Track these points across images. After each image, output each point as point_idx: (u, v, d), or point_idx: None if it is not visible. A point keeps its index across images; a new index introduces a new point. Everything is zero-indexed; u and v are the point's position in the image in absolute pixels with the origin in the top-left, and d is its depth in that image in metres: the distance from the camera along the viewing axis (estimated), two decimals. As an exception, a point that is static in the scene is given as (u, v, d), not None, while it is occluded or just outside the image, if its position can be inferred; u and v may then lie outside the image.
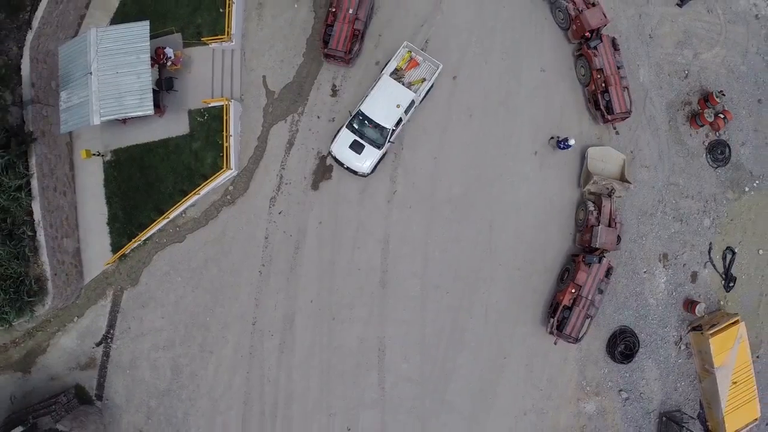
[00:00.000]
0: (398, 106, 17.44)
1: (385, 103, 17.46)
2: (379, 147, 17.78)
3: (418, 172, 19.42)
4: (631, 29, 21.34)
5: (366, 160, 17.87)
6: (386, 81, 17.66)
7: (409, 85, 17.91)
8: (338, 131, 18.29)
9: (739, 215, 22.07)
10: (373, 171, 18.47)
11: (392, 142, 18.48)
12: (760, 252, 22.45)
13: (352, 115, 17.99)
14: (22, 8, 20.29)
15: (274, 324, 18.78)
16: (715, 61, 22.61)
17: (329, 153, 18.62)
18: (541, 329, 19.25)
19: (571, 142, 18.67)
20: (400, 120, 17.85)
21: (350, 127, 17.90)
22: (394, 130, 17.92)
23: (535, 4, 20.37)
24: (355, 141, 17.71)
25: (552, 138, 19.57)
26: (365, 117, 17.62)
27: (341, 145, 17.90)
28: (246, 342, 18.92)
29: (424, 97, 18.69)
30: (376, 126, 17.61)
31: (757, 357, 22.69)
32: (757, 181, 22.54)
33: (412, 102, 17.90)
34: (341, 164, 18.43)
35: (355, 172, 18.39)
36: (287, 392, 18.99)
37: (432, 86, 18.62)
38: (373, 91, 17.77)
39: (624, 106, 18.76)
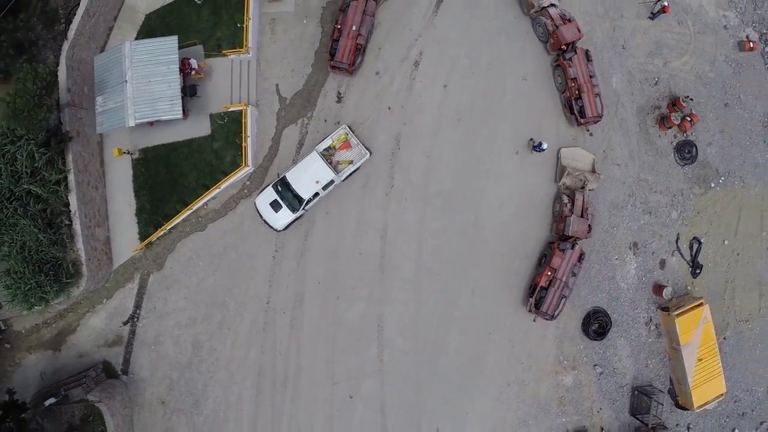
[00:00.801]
0: (317, 182, 19.83)
1: (308, 176, 19.82)
2: (294, 211, 20.06)
3: (413, 169, 21.82)
4: (605, 41, 23.67)
5: (281, 219, 20.19)
6: (314, 157, 20.04)
7: (336, 164, 20.20)
8: (266, 186, 20.61)
9: (705, 208, 24.32)
10: (285, 228, 20.67)
11: (306, 210, 20.64)
12: (726, 242, 24.68)
13: (279, 177, 20.35)
14: (57, 21, 22.87)
15: (286, 303, 21.21)
16: (684, 69, 24.90)
17: (254, 201, 20.79)
18: (522, 309, 21.59)
19: (545, 146, 21.05)
20: (317, 193, 20.16)
21: (275, 187, 20.28)
22: (310, 200, 20.17)
23: (518, 20, 22.75)
24: (275, 200, 20.08)
25: (530, 140, 21.93)
26: (287, 184, 20.04)
27: (263, 201, 20.35)
28: (260, 319, 21.35)
29: (347, 178, 20.76)
30: (295, 194, 19.92)
31: (724, 338, 24.89)
32: (722, 178, 24.79)
33: (332, 181, 20.16)
34: (260, 215, 20.59)
35: (270, 226, 20.59)
36: (297, 364, 21.39)
37: (357, 170, 20.75)
38: (301, 162, 20.14)
39: (595, 110, 21.09)
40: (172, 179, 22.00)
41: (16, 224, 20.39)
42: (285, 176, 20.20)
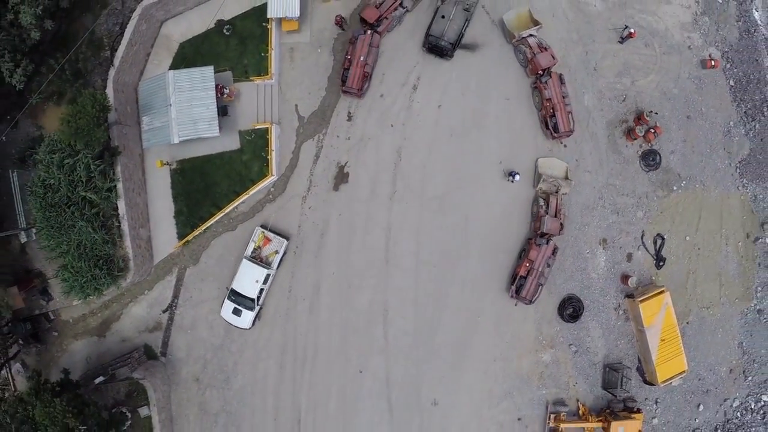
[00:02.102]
0: (257, 281, 23.85)
1: (248, 280, 23.86)
2: (251, 309, 24.17)
3: (412, 177, 25.46)
4: (579, 63, 27.21)
5: (245, 320, 24.36)
6: (245, 264, 24.08)
7: (266, 258, 24.08)
8: (223, 301, 24.59)
9: (668, 209, 27.81)
10: (253, 325, 24.64)
11: (261, 306, 24.53)
12: (687, 238, 28.15)
13: (228, 290, 24.41)
14: (102, 48, 26.60)
15: (305, 291, 24.91)
16: (650, 86, 28.35)
17: (220, 315, 24.71)
18: (505, 295, 25.19)
19: (518, 178, 24.67)
20: (261, 289, 24.01)
21: (229, 298, 24.38)
22: (258, 296, 24.08)
23: (503, 48, 26.33)
24: (234, 308, 24.35)
25: (506, 171, 25.37)
26: (237, 292, 24.10)
27: (226, 312, 24.57)
28: (283, 305, 25.04)
29: (279, 265, 24.42)
30: (245, 297, 23.97)
31: (687, 323, 28.33)
32: (684, 182, 28.26)
33: (268, 275, 23.97)
34: (230, 324, 24.70)
35: (240, 328, 24.68)
36: (314, 344, 25.08)
37: (284, 254, 24.46)
38: (238, 272, 24.03)
39: (567, 126, 24.65)
40: (206, 186, 25.73)
41: (74, 226, 24.14)
42: (232, 287, 24.33)
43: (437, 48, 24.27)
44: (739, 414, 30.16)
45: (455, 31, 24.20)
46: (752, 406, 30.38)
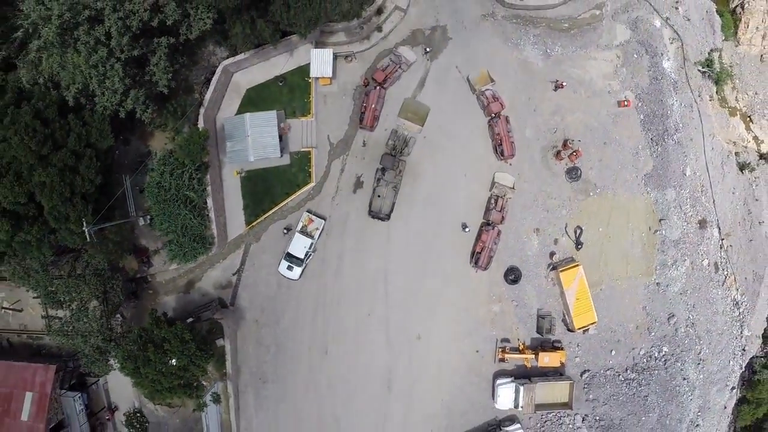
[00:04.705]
0: (304, 247, 36.25)
1: (298, 246, 36.30)
2: (300, 266, 36.40)
3: (410, 185, 37.49)
4: (523, 106, 38.92)
5: (295, 273, 36.62)
6: (297, 235, 36.42)
7: (310, 232, 36.29)
8: (280, 261, 36.56)
9: (586, 208, 39.41)
10: (300, 277, 36.64)
11: (307, 264, 36.62)
12: (600, 229, 39.67)
13: (284, 254, 36.41)
14: (192, 91, 38.65)
15: (333, 259, 37.11)
16: (575, 121, 39.95)
17: (278, 271, 36.93)
18: (468, 264, 37.12)
19: (468, 229, 36.27)
20: (307, 254, 36.14)
21: (286, 258, 36.54)
22: (304, 258, 36.24)
23: (469, 95, 38.03)
24: (288, 265, 36.61)
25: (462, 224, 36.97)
26: (290, 255, 36.44)
27: (282, 268, 36.80)
28: (318, 268, 37.20)
29: (319, 237, 36.53)
30: (296, 257, 36.17)
31: (601, 290, 39.78)
32: (599, 189, 39.77)
33: (312, 243, 36.18)
34: (283, 276, 36.83)
35: (291, 279, 36.66)
36: (338, 294, 37.21)
37: (321, 231, 36.53)
38: (292, 241, 36.24)
39: (510, 152, 36.49)
40: (265, 189, 37.95)
41: (179, 214, 36.37)
42: (287, 251, 36.69)
43: (377, 218, 36.37)
44: (644, 360, 41.44)
45: (389, 205, 36.12)
46: (655, 355, 41.75)
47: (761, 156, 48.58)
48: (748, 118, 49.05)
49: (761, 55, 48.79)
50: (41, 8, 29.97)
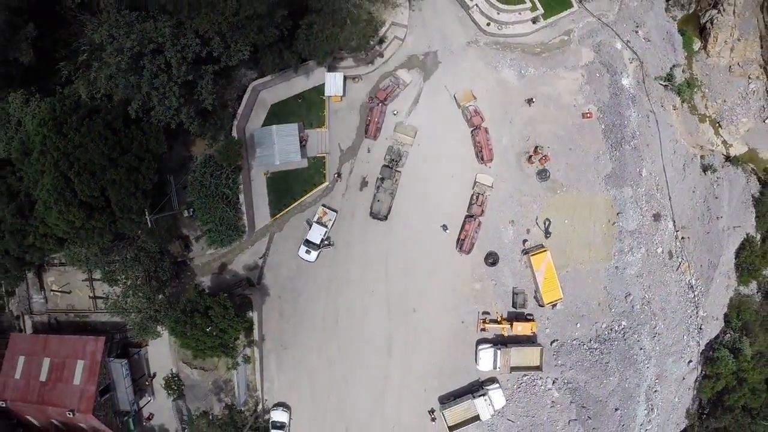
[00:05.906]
0: (320, 234, 43.81)
1: (315, 233, 43.89)
2: (316, 250, 44.03)
3: (405, 186, 45.35)
4: (500, 118, 46.70)
5: (312, 256, 44.31)
6: (315, 226, 44.13)
7: (325, 222, 44.04)
8: (300, 246, 44.45)
9: (554, 204, 47.08)
10: (316, 259, 44.38)
11: (322, 249, 44.30)
12: (566, 221, 47.33)
13: (303, 240, 44.17)
14: (226, 106, 46.57)
15: (344, 244, 44.97)
16: (545, 131, 47.66)
17: (298, 254, 44.73)
18: (454, 249, 44.90)
19: (448, 231, 43.99)
20: (322, 240, 43.76)
21: (304, 244, 44.26)
22: (320, 245, 43.87)
23: (455, 110, 45.92)
24: (306, 249, 44.22)
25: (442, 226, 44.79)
26: (308, 240, 44.10)
27: (302, 252, 44.33)
28: (330, 253, 45.01)
29: (332, 226, 44.26)
30: (313, 243, 43.93)
31: (567, 272, 47.35)
32: (565, 188, 47.44)
33: (326, 231, 43.79)
34: (302, 258, 44.51)
35: (308, 261, 44.38)
36: (347, 275, 44.94)
37: (334, 221, 44.21)
38: (310, 230, 44.00)
39: (489, 157, 44.37)
40: (287, 186, 45.90)
41: (217, 208, 44.28)
42: (306, 238, 44.38)
43: (377, 218, 44.14)
44: (606, 332, 48.88)
45: (386, 208, 43.87)
46: (615, 328, 49.15)
47: (727, 158, 55.13)
48: (717, 124, 55.99)
49: (729, 66, 55.49)
50: (114, 42, 37.91)
